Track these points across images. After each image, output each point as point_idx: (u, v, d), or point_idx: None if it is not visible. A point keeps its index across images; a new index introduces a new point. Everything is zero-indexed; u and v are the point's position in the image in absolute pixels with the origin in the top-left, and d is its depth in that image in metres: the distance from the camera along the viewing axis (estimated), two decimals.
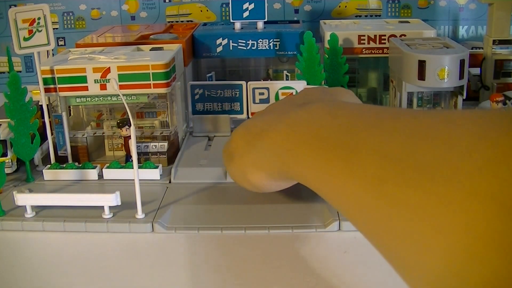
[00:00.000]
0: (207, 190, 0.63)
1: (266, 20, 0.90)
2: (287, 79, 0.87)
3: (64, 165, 0.68)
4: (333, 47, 0.82)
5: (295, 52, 0.86)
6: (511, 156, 0.20)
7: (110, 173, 0.67)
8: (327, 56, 0.83)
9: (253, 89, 0.77)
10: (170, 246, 0.53)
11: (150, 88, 0.68)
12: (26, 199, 0.57)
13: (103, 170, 0.67)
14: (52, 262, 0.51)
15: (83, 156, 0.72)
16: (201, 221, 0.56)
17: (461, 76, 0.65)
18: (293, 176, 0.39)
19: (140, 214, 0.56)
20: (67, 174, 0.67)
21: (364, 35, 0.85)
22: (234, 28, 0.91)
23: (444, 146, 0.24)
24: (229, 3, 0.90)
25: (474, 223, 0.20)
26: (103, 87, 0.68)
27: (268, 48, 0.87)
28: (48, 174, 0.67)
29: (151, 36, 0.88)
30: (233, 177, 0.52)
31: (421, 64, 0.65)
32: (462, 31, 1.09)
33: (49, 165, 0.68)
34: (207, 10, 1.11)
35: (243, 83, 0.79)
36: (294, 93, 0.56)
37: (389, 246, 0.27)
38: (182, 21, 1.11)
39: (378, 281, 0.42)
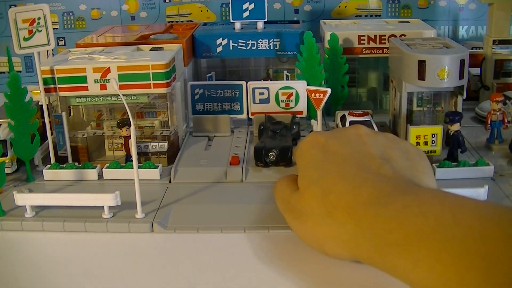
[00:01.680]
0: (207, 190, 0.63)
1: (266, 20, 0.90)
2: (287, 79, 0.87)
3: (64, 165, 0.68)
4: (333, 47, 0.82)
5: (295, 52, 0.86)
6: None
7: (110, 173, 0.67)
8: (327, 56, 0.83)
9: (253, 89, 0.77)
10: (170, 246, 0.53)
11: (150, 88, 0.68)
12: (26, 199, 0.57)
13: (103, 170, 0.67)
14: (52, 262, 0.50)
15: (83, 156, 0.72)
16: (201, 221, 0.56)
17: (461, 76, 0.65)
18: (388, 269, 0.35)
19: (140, 214, 0.56)
20: (67, 174, 0.67)
21: (364, 35, 0.85)
22: (234, 28, 0.91)
23: None
24: (229, 3, 0.90)
25: None
26: (103, 87, 0.68)
27: (268, 48, 0.87)
28: (48, 174, 0.67)
29: (151, 36, 0.88)
30: (298, 233, 0.47)
31: (421, 64, 0.65)
32: (462, 31, 1.09)
33: (49, 165, 0.68)
34: (207, 10, 1.11)
35: (243, 83, 0.79)
36: (364, 134, 0.49)
37: None
38: (182, 21, 1.11)
39: (378, 280, 0.42)
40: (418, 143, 0.66)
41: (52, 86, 0.68)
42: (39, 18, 0.65)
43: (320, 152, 0.46)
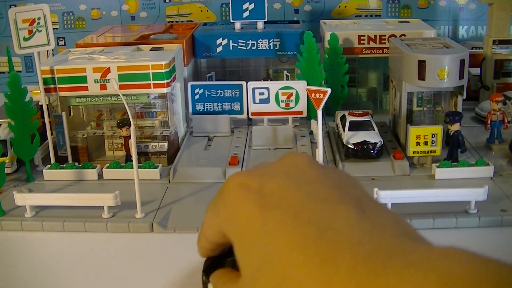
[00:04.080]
0: (206, 190, 0.63)
1: (266, 20, 0.90)
2: (287, 79, 0.87)
3: (64, 165, 0.68)
4: (333, 47, 0.82)
5: (295, 52, 0.86)
6: None
7: (110, 173, 0.67)
8: (327, 56, 0.83)
9: (253, 89, 0.77)
10: (170, 246, 0.53)
11: (150, 88, 0.68)
12: (25, 199, 0.57)
13: (103, 170, 0.67)
14: (52, 262, 0.51)
15: (83, 156, 0.72)
16: (201, 221, 0.56)
17: (461, 76, 0.65)
18: None
19: (140, 214, 0.56)
20: (67, 174, 0.67)
21: (364, 35, 0.85)
22: (234, 28, 0.90)
23: None
24: (229, 3, 0.90)
25: None
26: (103, 87, 0.68)
27: (268, 48, 0.87)
28: (48, 174, 0.67)
29: (151, 36, 0.88)
30: None
31: (421, 64, 0.65)
32: (462, 31, 1.09)
33: (49, 165, 0.68)
34: (207, 10, 1.11)
35: (243, 83, 0.79)
36: (307, 165, 0.33)
37: None
38: (182, 21, 1.11)
39: None
40: (418, 143, 0.66)
41: (52, 86, 0.68)
42: (39, 18, 0.65)
43: (256, 210, 0.30)
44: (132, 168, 0.56)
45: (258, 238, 0.29)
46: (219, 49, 0.88)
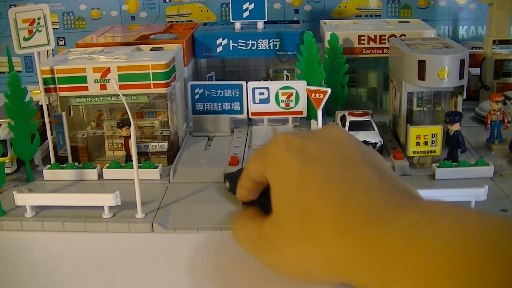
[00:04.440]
0: (206, 190, 0.63)
1: (266, 20, 0.90)
2: (287, 79, 0.87)
3: (64, 165, 0.68)
4: (333, 47, 0.82)
5: (295, 52, 0.86)
6: None
7: (110, 173, 0.67)
8: (327, 56, 0.83)
9: (253, 89, 0.77)
10: (170, 246, 0.53)
11: (150, 88, 0.68)
12: (26, 199, 0.57)
13: (103, 170, 0.67)
14: (52, 262, 0.50)
15: (83, 156, 0.72)
16: (201, 221, 0.56)
17: (461, 76, 0.65)
18: None
19: (140, 214, 0.56)
20: (67, 174, 0.67)
21: (364, 35, 0.85)
22: (234, 28, 0.91)
23: None
24: (229, 3, 0.90)
25: None
26: (103, 87, 0.68)
27: (268, 48, 0.87)
28: (48, 174, 0.67)
29: (151, 36, 0.88)
30: (276, 268, 0.40)
31: (421, 64, 0.65)
32: (462, 31, 1.09)
33: (49, 165, 0.68)
34: (207, 10, 1.11)
35: (243, 83, 0.79)
36: (341, 135, 0.41)
37: None
38: (182, 21, 1.11)
39: None
40: (418, 143, 0.66)
41: (52, 86, 0.68)
42: (39, 18, 0.65)
43: (297, 160, 0.37)
44: (132, 168, 0.56)
45: (293, 180, 0.36)
46: (219, 49, 0.88)
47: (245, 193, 0.46)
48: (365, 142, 0.67)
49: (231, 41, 0.87)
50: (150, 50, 0.79)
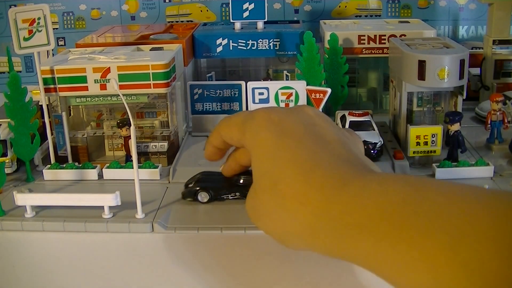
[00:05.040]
0: None
1: (266, 20, 0.90)
2: (287, 79, 0.87)
3: (64, 165, 0.68)
4: (333, 47, 0.82)
5: (295, 52, 0.86)
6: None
7: (110, 173, 0.67)
8: (327, 56, 0.83)
9: (253, 89, 0.77)
10: (170, 246, 0.53)
11: (150, 88, 0.68)
12: (26, 199, 0.57)
13: (103, 170, 0.67)
14: (52, 262, 0.50)
15: (83, 156, 0.72)
16: (201, 221, 0.56)
17: (461, 76, 0.65)
18: (347, 254, 0.33)
19: (140, 214, 0.56)
20: (67, 174, 0.67)
21: (364, 35, 0.85)
22: (234, 28, 0.90)
23: None
24: (229, 3, 0.90)
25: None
26: (103, 87, 0.68)
27: (268, 48, 0.87)
28: (48, 174, 0.67)
29: (151, 36, 0.88)
30: (265, 232, 0.42)
31: (421, 64, 0.65)
32: (462, 31, 1.09)
33: (49, 165, 0.68)
34: (207, 10, 1.11)
35: (242, 83, 0.79)
36: (315, 115, 0.44)
37: None
38: (182, 21, 1.11)
39: (378, 280, 0.42)
40: (418, 143, 0.66)
41: (52, 86, 0.68)
42: (39, 18, 0.65)
43: (274, 135, 0.41)
44: (132, 168, 0.56)
45: (271, 152, 0.40)
46: (219, 49, 0.88)
47: (213, 151, 0.50)
48: (365, 142, 0.67)
49: (231, 41, 0.87)
50: (150, 50, 0.79)
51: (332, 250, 0.34)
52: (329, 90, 0.65)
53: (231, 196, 0.59)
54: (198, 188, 0.59)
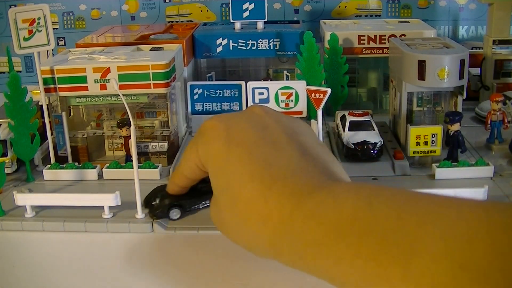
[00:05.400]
0: None
1: (266, 20, 0.90)
2: (287, 79, 0.87)
3: (64, 165, 0.68)
4: (333, 47, 0.82)
5: (295, 52, 0.86)
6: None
7: (110, 173, 0.67)
8: (327, 56, 0.83)
9: (253, 89, 0.77)
10: (170, 246, 0.53)
11: (150, 88, 0.68)
12: (26, 199, 0.57)
13: (103, 170, 0.67)
14: (52, 262, 0.50)
15: (83, 156, 0.72)
16: (201, 221, 0.56)
17: (461, 76, 0.65)
18: (310, 269, 0.33)
19: (140, 214, 0.56)
20: (67, 174, 0.67)
21: (364, 35, 0.85)
22: (234, 28, 0.90)
23: None
24: (229, 3, 0.90)
25: None
26: (103, 87, 0.68)
27: (268, 48, 0.87)
28: (48, 174, 0.67)
29: (151, 36, 0.88)
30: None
31: (421, 64, 0.65)
32: (462, 31, 1.09)
33: (49, 165, 0.68)
34: (207, 10, 1.11)
35: (242, 83, 0.79)
36: (265, 114, 0.42)
37: None
38: (182, 21, 1.11)
39: None
40: (418, 143, 0.66)
41: (52, 86, 0.68)
42: (39, 18, 0.65)
43: (223, 146, 0.39)
44: (132, 168, 0.56)
45: (223, 167, 0.39)
46: (219, 49, 0.88)
47: (178, 190, 0.51)
48: (365, 142, 0.67)
49: (231, 41, 0.87)
50: (150, 50, 0.79)
51: (296, 265, 0.34)
52: (329, 90, 0.65)
53: (201, 206, 0.56)
54: (168, 205, 0.54)
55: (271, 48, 0.87)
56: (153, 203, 0.55)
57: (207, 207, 0.53)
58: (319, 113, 0.64)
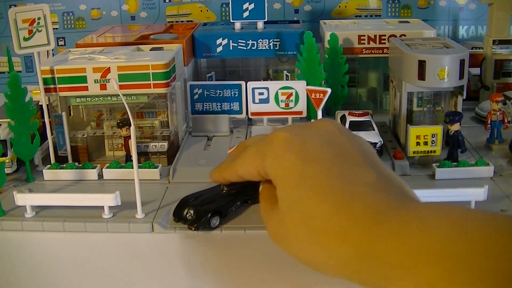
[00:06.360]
0: None
1: (266, 20, 0.90)
2: (287, 79, 0.87)
3: (64, 165, 0.68)
4: (333, 47, 0.82)
5: (295, 52, 0.86)
6: None
7: (110, 173, 0.67)
8: (327, 56, 0.83)
9: (253, 89, 0.77)
10: (170, 246, 0.53)
11: (150, 88, 0.68)
12: (26, 199, 0.57)
13: (103, 170, 0.67)
14: (52, 262, 0.50)
15: (83, 156, 0.72)
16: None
17: (461, 76, 0.65)
18: None
19: (140, 214, 0.56)
20: (67, 174, 0.67)
21: (364, 35, 0.85)
22: (234, 28, 0.91)
23: None
24: (229, 3, 0.90)
25: None
26: (103, 87, 0.68)
27: (268, 48, 0.87)
28: (48, 174, 0.67)
29: (151, 36, 0.88)
30: (288, 253, 0.41)
31: (421, 64, 0.65)
32: (462, 31, 1.09)
33: (49, 165, 0.68)
34: (207, 10, 1.11)
35: (242, 83, 0.79)
36: (337, 130, 0.42)
37: None
38: (182, 21, 1.11)
39: None
40: (418, 143, 0.66)
41: (52, 86, 0.68)
42: (39, 18, 0.65)
43: (298, 160, 0.39)
44: (132, 168, 0.56)
45: (298, 180, 0.37)
46: (219, 49, 0.88)
47: (221, 181, 0.53)
48: None
49: (231, 41, 0.87)
50: (150, 50, 0.79)
51: (370, 284, 0.33)
52: (329, 90, 0.65)
53: (234, 208, 0.57)
54: (208, 214, 0.54)
55: (271, 48, 0.87)
56: (187, 215, 0.54)
57: (238, 208, 0.57)
58: (319, 113, 0.64)
